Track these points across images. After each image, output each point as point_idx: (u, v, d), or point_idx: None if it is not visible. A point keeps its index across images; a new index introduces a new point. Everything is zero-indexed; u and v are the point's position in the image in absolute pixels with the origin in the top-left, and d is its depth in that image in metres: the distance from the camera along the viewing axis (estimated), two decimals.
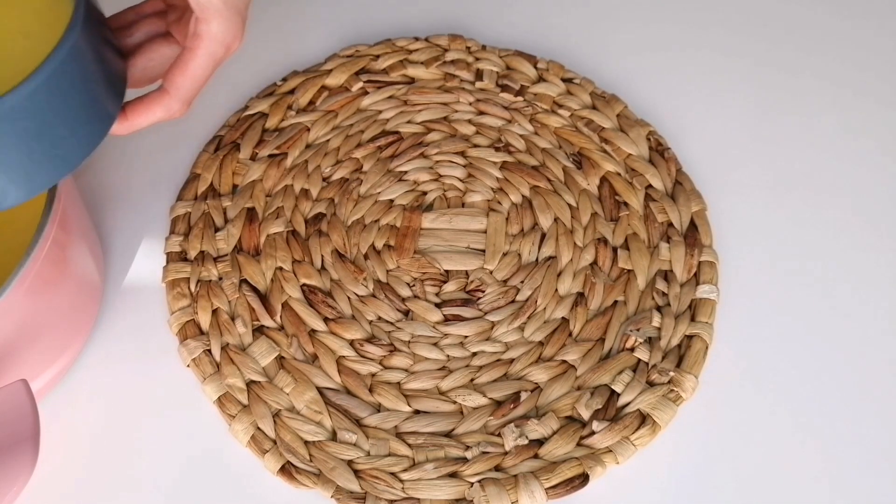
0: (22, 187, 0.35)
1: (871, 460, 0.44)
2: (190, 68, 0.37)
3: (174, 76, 0.38)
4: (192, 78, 0.38)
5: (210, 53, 0.37)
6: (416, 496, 0.42)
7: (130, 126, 0.39)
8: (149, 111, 0.38)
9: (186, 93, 0.38)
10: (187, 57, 0.37)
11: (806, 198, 0.54)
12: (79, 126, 0.35)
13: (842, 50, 0.62)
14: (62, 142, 0.34)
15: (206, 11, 0.36)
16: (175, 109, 0.39)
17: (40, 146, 0.34)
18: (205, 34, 0.37)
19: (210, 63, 0.38)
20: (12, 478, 0.35)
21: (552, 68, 0.58)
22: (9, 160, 0.33)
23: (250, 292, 0.48)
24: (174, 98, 0.38)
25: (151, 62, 0.40)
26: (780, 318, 0.49)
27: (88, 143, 0.36)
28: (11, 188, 0.34)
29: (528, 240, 0.51)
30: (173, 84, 0.38)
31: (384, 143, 0.55)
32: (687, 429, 0.45)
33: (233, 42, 0.38)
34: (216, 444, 0.44)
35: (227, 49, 0.38)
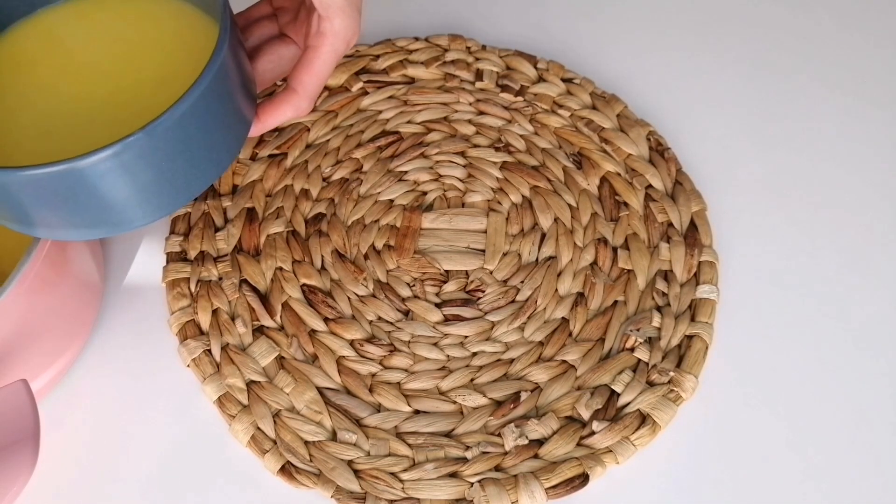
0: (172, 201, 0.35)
1: (870, 460, 0.44)
2: (316, 66, 0.38)
3: (300, 75, 0.39)
4: (317, 75, 0.39)
5: (334, 50, 0.38)
6: (416, 496, 0.42)
7: (263, 127, 0.40)
8: (279, 111, 0.39)
9: (313, 90, 0.39)
10: (312, 55, 0.38)
11: (806, 198, 0.54)
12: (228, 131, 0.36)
13: (842, 51, 0.62)
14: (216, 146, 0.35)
15: (329, 10, 0.37)
16: (303, 107, 0.40)
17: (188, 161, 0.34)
18: (329, 32, 0.38)
19: (333, 59, 0.39)
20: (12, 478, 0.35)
21: (552, 68, 0.58)
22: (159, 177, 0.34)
23: (250, 292, 0.48)
24: (302, 97, 0.39)
25: (271, 64, 0.41)
26: (780, 318, 0.49)
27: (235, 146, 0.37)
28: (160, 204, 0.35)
29: (528, 240, 0.51)
30: (300, 83, 0.39)
31: (384, 143, 0.55)
32: (687, 429, 0.45)
33: (353, 37, 0.39)
34: (216, 445, 0.44)
35: (348, 43, 0.39)
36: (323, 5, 0.37)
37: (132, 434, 0.44)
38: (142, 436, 0.44)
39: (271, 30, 0.42)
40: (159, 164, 0.33)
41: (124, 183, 0.33)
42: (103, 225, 0.35)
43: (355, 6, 0.38)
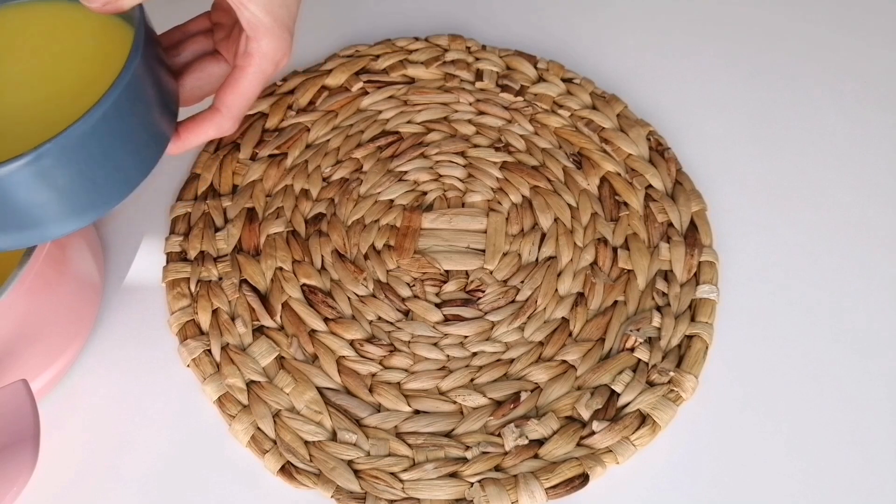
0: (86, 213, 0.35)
1: (871, 460, 0.44)
2: (241, 86, 0.38)
3: (225, 94, 0.38)
4: (242, 96, 0.38)
5: (261, 71, 0.38)
6: (416, 496, 0.42)
7: (183, 145, 0.39)
8: (201, 130, 0.39)
9: (238, 110, 0.39)
10: (238, 75, 0.38)
11: (806, 198, 0.54)
12: (138, 149, 0.35)
13: (842, 51, 0.62)
14: (124, 165, 0.35)
15: (256, 30, 0.36)
16: (226, 128, 0.39)
17: (102, 171, 0.34)
18: (255, 52, 0.37)
19: (260, 80, 0.38)
20: (12, 478, 0.35)
21: (552, 68, 0.58)
22: (74, 187, 0.34)
23: (250, 292, 0.48)
24: (226, 116, 0.39)
25: (200, 81, 0.40)
26: (780, 318, 0.49)
27: (147, 164, 0.36)
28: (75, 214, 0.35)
29: (528, 240, 0.51)
30: (224, 102, 0.38)
31: (384, 143, 0.55)
32: (687, 429, 0.45)
33: (282, 59, 0.38)
34: (216, 445, 0.44)
35: (276, 65, 0.38)
36: (251, 25, 0.36)
37: (132, 434, 0.44)
38: (142, 436, 0.44)
39: (205, 46, 0.41)
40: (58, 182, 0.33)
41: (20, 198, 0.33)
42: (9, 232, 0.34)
43: (285, 27, 0.37)
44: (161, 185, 0.53)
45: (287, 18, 0.37)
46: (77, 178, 0.33)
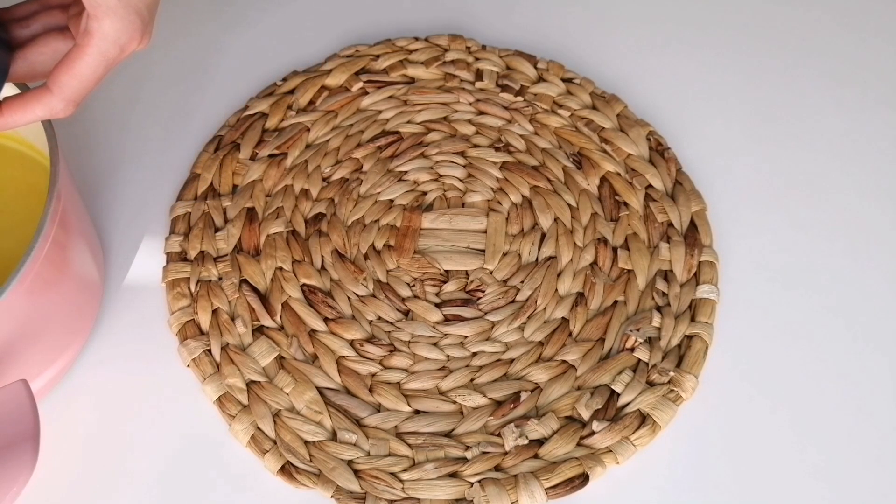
0: None
1: (870, 460, 0.44)
2: (77, 67, 0.35)
3: (59, 74, 0.36)
4: (78, 77, 0.36)
5: (101, 52, 0.35)
6: (416, 496, 0.42)
7: (4, 122, 0.37)
8: (27, 108, 0.36)
9: (72, 92, 0.36)
10: (75, 55, 0.35)
11: (806, 198, 0.54)
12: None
13: (842, 50, 0.62)
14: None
15: (97, 8, 0.34)
16: (58, 109, 0.36)
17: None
18: (96, 32, 0.35)
19: (101, 63, 0.36)
20: (12, 478, 0.35)
21: (552, 68, 0.58)
22: None
23: (250, 292, 0.48)
24: (57, 97, 0.36)
25: (42, 56, 0.38)
26: (780, 318, 0.49)
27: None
28: None
29: (528, 240, 0.51)
30: (57, 82, 0.36)
31: (384, 143, 0.55)
32: (687, 429, 0.45)
33: (128, 43, 0.36)
34: (216, 445, 0.44)
35: (122, 49, 0.36)
36: (91, 3, 0.34)
37: (132, 434, 0.44)
38: (141, 435, 0.44)
39: (59, 20, 0.39)
40: None
41: None
42: None
43: (134, 10, 0.35)
44: (161, 185, 0.53)
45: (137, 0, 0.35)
46: None
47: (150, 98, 0.57)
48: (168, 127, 0.56)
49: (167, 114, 0.56)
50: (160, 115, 0.56)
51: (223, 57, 0.60)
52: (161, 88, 0.58)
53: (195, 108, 0.57)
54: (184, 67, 0.59)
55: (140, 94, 0.57)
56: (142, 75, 0.58)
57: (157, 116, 0.56)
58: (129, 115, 0.56)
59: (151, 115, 0.56)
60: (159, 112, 0.56)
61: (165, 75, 0.58)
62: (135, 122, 0.56)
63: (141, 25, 0.35)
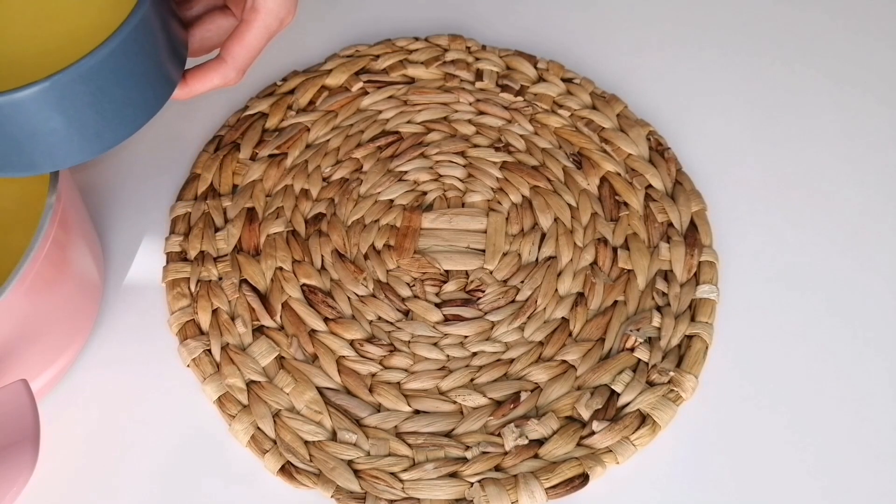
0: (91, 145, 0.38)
1: (870, 460, 0.44)
2: (246, 39, 0.41)
3: (231, 46, 0.41)
4: (247, 48, 0.41)
5: (265, 26, 0.40)
6: (416, 496, 0.42)
7: (190, 91, 0.42)
8: (207, 78, 0.42)
9: (242, 62, 0.41)
10: (244, 28, 0.41)
11: (806, 198, 0.54)
12: (145, 89, 0.38)
13: (842, 50, 0.62)
14: (130, 103, 0.38)
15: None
16: (231, 77, 0.42)
17: (112, 106, 0.37)
18: (262, 7, 0.40)
19: (265, 35, 0.41)
20: (12, 478, 0.35)
21: (552, 68, 0.58)
22: (82, 118, 0.36)
23: (250, 292, 0.48)
24: (230, 66, 0.41)
25: (209, 33, 0.43)
26: (780, 318, 0.49)
27: (153, 105, 0.40)
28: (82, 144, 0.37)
29: (528, 240, 0.51)
30: (230, 53, 0.41)
31: (384, 143, 0.55)
32: (687, 429, 0.45)
33: (286, 16, 0.41)
34: (216, 444, 0.44)
35: (281, 22, 0.41)
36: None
37: (132, 434, 0.44)
38: (141, 435, 0.44)
39: (216, 1, 0.44)
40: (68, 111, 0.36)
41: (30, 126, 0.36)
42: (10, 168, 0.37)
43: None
44: (161, 185, 0.53)
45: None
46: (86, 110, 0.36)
47: None
48: (168, 127, 0.56)
49: (167, 114, 0.56)
50: (160, 115, 0.56)
51: None
52: None
53: (195, 108, 0.56)
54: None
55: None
56: None
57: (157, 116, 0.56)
58: None
59: None
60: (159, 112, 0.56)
61: None
62: None
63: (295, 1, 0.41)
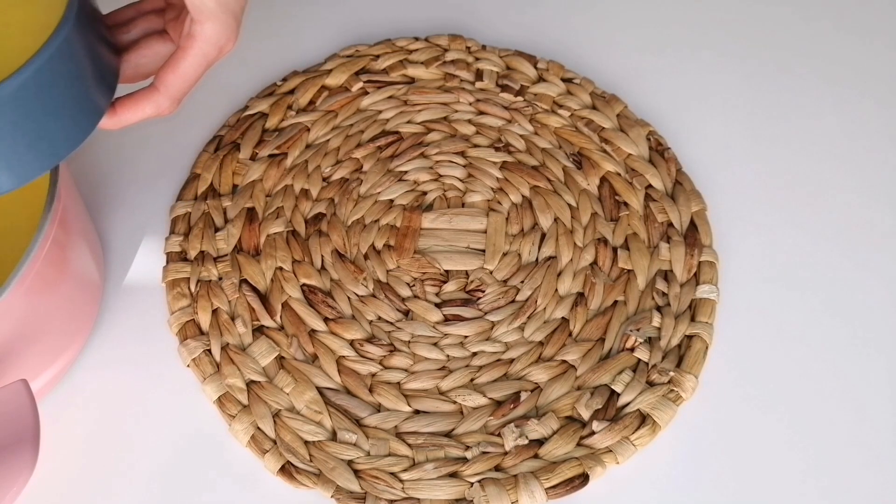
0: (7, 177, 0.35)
1: (869, 460, 0.44)
2: (181, 67, 0.38)
3: (165, 74, 0.39)
4: (182, 77, 0.38)
5: (203, 54, 0.38)
6: (416, 496, 0.42)
7: (119, 121, 0.39)
8: (138, 107, 0.39)
9: (176, 91, 0.39)
10: (179, 56, 0.38)
11: (806, 198, 0.54)
12: (66, 120, 0.36)
13: (841, 50, 0.62)
14: (49, 135, 0.35)
15: (201, 13, 0.37)
16: (164, 107, 0.39)
17: (26, 138, 0.35)
18: (198, 35, 0.37)
19: (202, 63, 0.38)
20: (12, 478, 0.35)
21: (552, 68, 0.58)
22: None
23: (250, 292, 0.48)
24: (163, 95, 0.39)
25: (145, 59, 0.41)
26: (780, 318, 0.49)
27: (76, 136, 0.37)
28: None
29: (528, 240, 0.51)
30: (164, 82, 0.39)
31: (384, 143, 0.55)
32: (687, 429, 0.45)
33: (226, 44, 0.38)
34: (216, 445, 0.44)
35: (220, 51, 0.38)
36: (195, 8, 0.36)
37: (132, 434, 0.44)
38: (142, 435, 0.44)
39: (156, 24, 0.41)
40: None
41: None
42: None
43: (231, 13, 0.37)
44: (161, 185, 0.53)
45: (234, 4, 0.37)
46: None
47: None
48: (168, 127, 0.56)
49: None
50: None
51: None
52: None
53: (195, 108, 0.56)
54: None
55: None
56: None
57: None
58: None
59: None
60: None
61: None
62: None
63: (236, 27, 0.38)
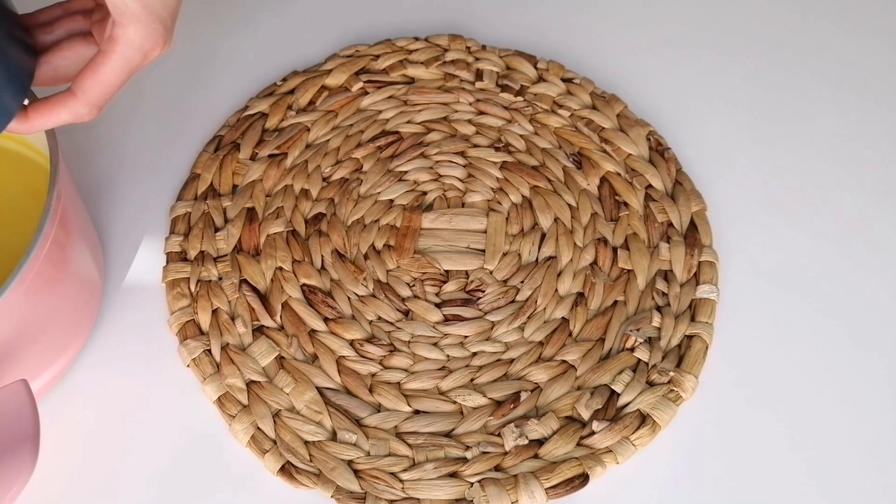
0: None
1: (869, 460, 0.44)
2: (101, 72, 0.36)
3: (84, 79, 0.36)
4: (102, 82, 0.36)
5: (125, 59, 0.36)
6: (416, 496, 0.42)
7: (30, 126, 0.37)
8: (52, 112, 0.37)
9: (96, 97, 0.37)
10: (100, 60, 0.36)
11: (806, 198, 0.54)
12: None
13: (842, 51, 0.62)
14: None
15: (123, 16, 0.35)
16: (82, 113, 0.37)
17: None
18: (120, 39, 0.35)
19: (124, 69, 0.36)
20: (12, 478, 0.35)
21: (552, 68, 0.58)
22: None
23: (250, 292, 0.48)
24: (81, 101, 0.37)
25: (66, 61, 0.39)
26: (780, 318, 0.49)
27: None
28: None
29: (528, 240, 0.51)
30: (81, 87, 0.36)
31: (384, 143, 0.55)
32: (687, 429, 0.45)
33: (152, 49, 0.36)
34: (216, 444, 0.44)
35: (145, 56, 0.36)
36: (116, 10, 0.34)
37: (132, 434, 0.44)
38: (141, 435, 0.44)
39: (82, 25, 0.39)
40: None
41: None
42: None
43: (157, 17, 0.35)
44: (161, 185, 0.53)
45: (160, 8, 0.35)
46: None
47: (151, 98, 0.57)
48: (168, 127, 0.56)
49: (167, 114, 0.56)
50: (160, 115, 0.56)
51: (223, 57, 0.60)
52: (161, 89, 0.58)
53: (195, 108, 0.56)
54: (184, 67, 0.59)
55: (140, 95, 0.57)
56: (142, 75, 0.57)
57: (157, 116, 0.56)
58: (130, 115, 0.56)
59: (151, 115, 0.56)
60: (159, 112, 0.56)
61: (166, 75, 0.58)
62: (135, 122, 0.56)
63: (164, 32, 0.36)
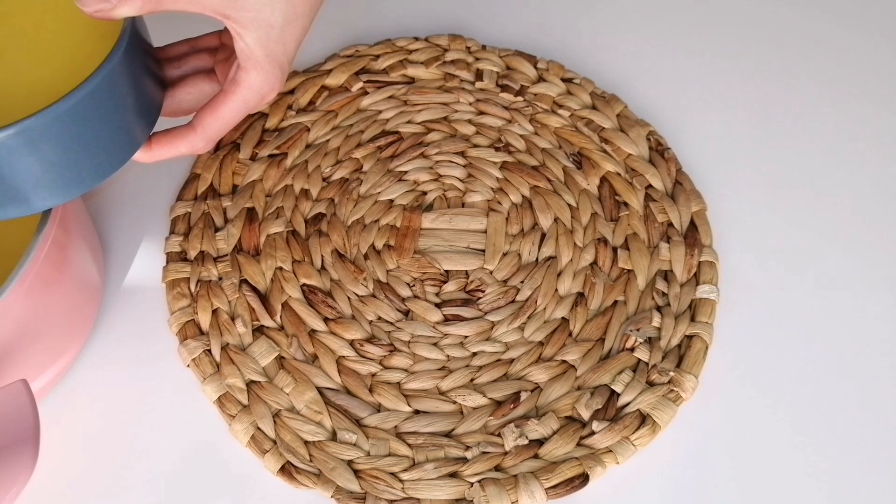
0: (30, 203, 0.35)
1: (869, 460, 0.44)
2: (221, 111, 0.38)
3: (205, 115, 0.39)
4: (221, 120, 0.39)
5: (244, 100, 0.38)
6: (416, 496, 0.42)
7: (153, 156, 0.40)
8: (173, 144, 0.39)
9: (213, 132, 0.39)
10: (221, 100, 0.38)
11: (806, 198, 0.54)
12: (100, 152, 0.36)
13: (841, 51, 0.62)
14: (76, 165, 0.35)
15: (248, 61, 0.37)
16: (199, 147, 0.40)
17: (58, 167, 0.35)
18: (243, 82, 0.38)
19: (241, 109, 0.39)
20: (12, 478, 0.35)
21: (552, 68, 0.58)
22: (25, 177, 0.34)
23: (250, 292, 0.48)
24: (199, 136, 0.39)
25: (189, 96, 0.41)
26: (780, 318, 0.49)
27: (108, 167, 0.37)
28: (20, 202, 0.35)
29: (528, 240, 0.51)
30: (202, 122, 0.39)
31: (384, 143, 0.55)
32: (687, 429, 0.45)
33: (269, 92, 0.38)
34: (216, 445, 0.44)
35: (262, 98, 0.39)
36: (243, 55, 0.37)
37: (132, 434, 0.44)
38: (141, 436, 0.44)
39: (206, 63, 0.42)
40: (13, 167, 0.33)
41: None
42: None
43: (277, 64, 0.38)
44: (161, 185, 0.53)
45: (282, 56, 0.37)
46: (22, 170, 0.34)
47: None
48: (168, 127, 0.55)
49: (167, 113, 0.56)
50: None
51: None
52: None
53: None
54: None
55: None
56: None
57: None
58: None
59: None
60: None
61: None
62: None
63: (281, 77, 0.38)
